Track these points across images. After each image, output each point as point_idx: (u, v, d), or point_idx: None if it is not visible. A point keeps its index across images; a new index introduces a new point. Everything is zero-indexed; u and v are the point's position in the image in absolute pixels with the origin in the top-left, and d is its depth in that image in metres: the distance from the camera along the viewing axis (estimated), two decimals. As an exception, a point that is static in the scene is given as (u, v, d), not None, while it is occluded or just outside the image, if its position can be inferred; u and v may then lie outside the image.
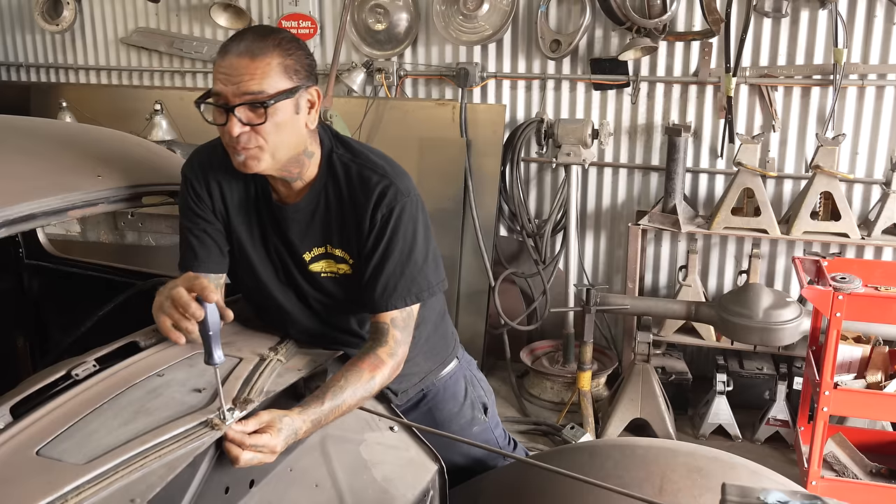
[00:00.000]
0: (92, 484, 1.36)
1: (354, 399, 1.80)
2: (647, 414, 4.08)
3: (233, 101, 1.74)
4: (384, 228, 1.90)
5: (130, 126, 4.70)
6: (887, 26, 4.19)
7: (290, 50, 1.78)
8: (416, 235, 1.93)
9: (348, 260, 1.96)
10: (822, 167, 4.03)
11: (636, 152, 4.79)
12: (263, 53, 1.74)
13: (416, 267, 1.94)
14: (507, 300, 4.87)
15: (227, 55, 1.75)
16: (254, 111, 1.75)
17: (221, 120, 1.77)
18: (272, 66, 1.74)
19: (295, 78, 1.78)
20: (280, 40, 1.77)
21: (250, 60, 1.73)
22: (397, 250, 1.91)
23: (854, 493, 3.37)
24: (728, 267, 4.75)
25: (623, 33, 4.56)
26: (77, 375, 1.66)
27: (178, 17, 5.55)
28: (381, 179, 1.90)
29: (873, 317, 3.44)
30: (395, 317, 1.93)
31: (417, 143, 4.89)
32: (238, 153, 1.80)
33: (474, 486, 2.23)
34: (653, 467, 2.00)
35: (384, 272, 1.91)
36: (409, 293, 1.94)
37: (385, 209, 1.89)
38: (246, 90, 1.73)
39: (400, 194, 1.90)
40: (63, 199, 1.89)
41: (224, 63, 1.75)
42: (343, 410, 1.78)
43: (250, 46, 1.74)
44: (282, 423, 1.62)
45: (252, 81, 1.73)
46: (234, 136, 1.76)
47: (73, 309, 2.51)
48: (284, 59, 1.76)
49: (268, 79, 1.74)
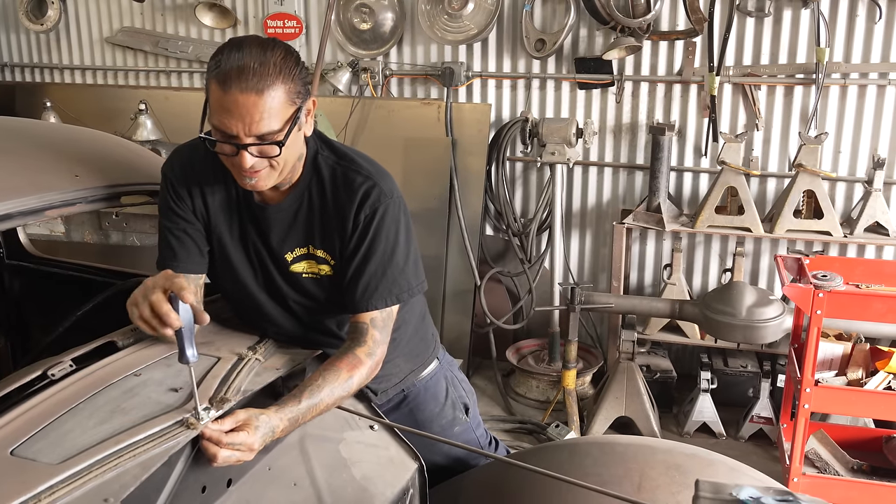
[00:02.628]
0: (66, 483, 1.36)
1: (332, 398, 1.80)
2: (631, 412, 4.09)
3: (244, 140, 1.71)
4: (367, 229, 1.90)
5: (115, 126, 4.70)
6: (869, 25, 4.22)
7: (291, 71, 1.73)
8: (398, 237, 1.94)
9: (330, 261, 1.96)
10: (805, 166, 4.05)
11: (621, 151, 4.81)
12: (269, 86, 1.68)
13: (398, 268, 1.94)
14: (493, 299, 4.88)
15: (230, 90, 1.66)
16: (268, 146, 1.73)
17: (230, 151, 1.74)
18: (279, 99, 1.70)
19: (297, 100, 1.76)
20: (279, 61, 1.71)
21: (258, 97, 1.67)
22: (379, 251, 1.91)
23: (835, 489, 3.40)
24: (712, 265, 4.77)
25: (607, 33, 4.58)
26: (53, 375, 1.66)
27: (163, 16, 5.54)
28: (365, 181, 1.91)
29: (854, 314, 3.47)
30: (375, 317, 1.93)
31: (403, 142, 4.90)
32: (248, 177, 1.78)
33: (455, 486, 2.24)
34: (631, 465, 2.01)
35: (366, 272, 1.91)
36: (389, 294, 1.94)
37: (368, 210, 1.89)
38: (257, 131, 1.70)
39: (384, 195, 1.91)
40: (40, 199, 1.89)
41: (228, 99, 1.67)
42: (320, 409, 1.77)
43: (253, 78, 1.67)
44: (258, 422, 1.62)
45: (262, 122, 1.69)
46: (247, 167, 1.74)
47: (54, 309, 2.50)
48: (288, 85, 1.72)
49: (276, 115, 1.71)
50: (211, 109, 1.73)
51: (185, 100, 5.28)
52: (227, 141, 1.73)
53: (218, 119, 1.71)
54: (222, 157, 1.79)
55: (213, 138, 1.76)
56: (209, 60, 1.75)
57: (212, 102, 1.72)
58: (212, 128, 1.76)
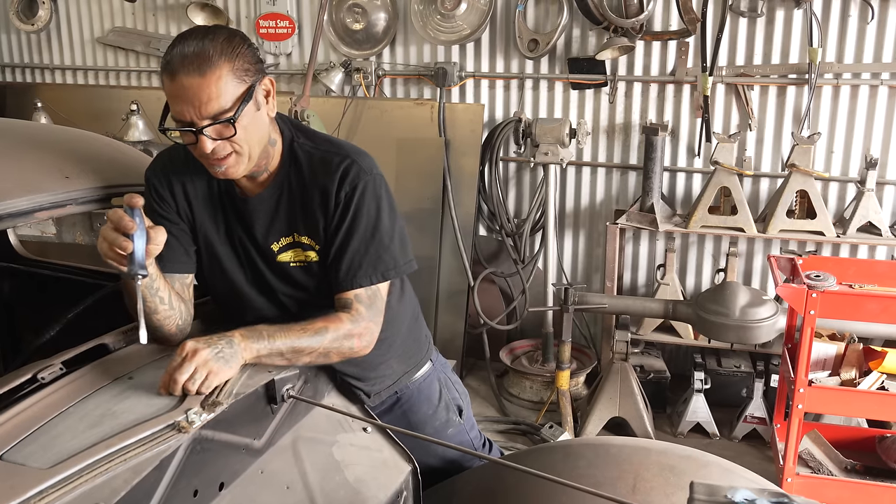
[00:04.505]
0: (56, 488, 1.34)
1: (301, 343, 1.82)
2: (625, 412, 4.09)
3: (199, 124, 1.74)
4: (348, 206, 1.91)
5: (107, 126, 4.68)
6: (861, 25, 4.23)
7: (235, 50, 1.76)
8: (380, 213, 1.94)
9: (315, 247, 1.96)
10: (798, 166, 4.06)
11: (614, 151, 4.80)
12: (211, 66, 1.71)
13: (382, 245, 1.94)
14: (487, 300, 4.87)
15: (177, 77, 1.71)
16: (222, 126, 1.76)
17: (191, 140, 1.77)
18: (223, 77, 1.73)
19: (247, 78, 1.78)
20: (220, 44, 1.74)
21: (200, 78, 1.70)
22: (361, 227, 1.92)
23: (829, 489, 3.40)
24: (706, 265, 4.77)
25: (600, 33, 4.57)
26: (43, 379, 1.64)
27: (154, 16, 5.52)
28: (343, 159, 1.92)
29: (847, 314, 3.47)
30: (360, 293, 1.94)
31: (396, 142, 4.88)
32: (216, 165, 1.81)
33: (448, 488, 2.23)
34: (626, 466, 2.00)
35: (349, 249, 1.92)
36: (374, 271, 1.94)
37: (348, 187, 1.90)
38: (207, 113, 1.73)
39: (363, 172, 1.92)
40: (30, 201, 1.87)
41: (175, 85, 1.72)
42: (286, 351, 1.81)
43: (195, 61, 1.70)
44: (204, 343, 1.69)
45: (210, 102, 1.72)
46: (208, 152, 1.76)
47: (45, 311, 2.48)
48: (233, 63, 1.74)
49: (225, 93, 1.73)
50: (168, 103, 1.77)
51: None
52: (185, 129, 1.76)
53: (173, 109, 1.76)
54: (192, 151, 1.82)
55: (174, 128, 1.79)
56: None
57: (166, 95, 1.76)
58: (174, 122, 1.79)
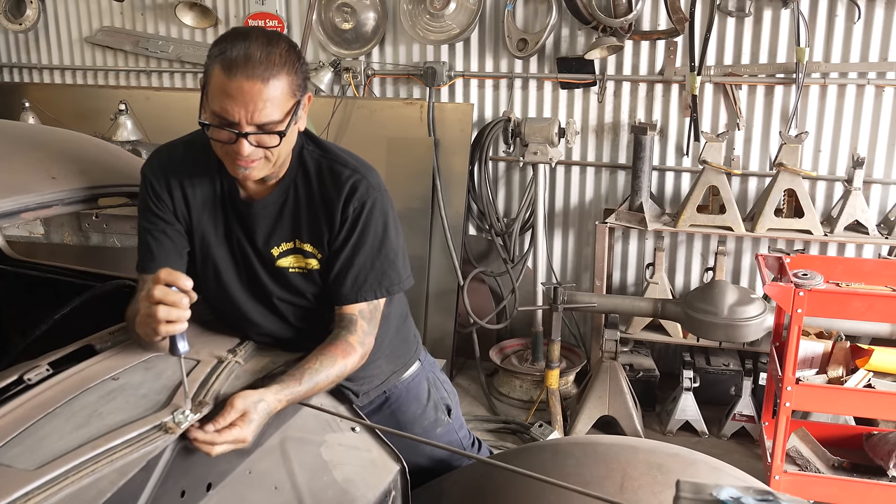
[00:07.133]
0: (42, 490, 1.34)
1: (327, 381, 1.85)
2: (614, 411, 4.10)
3: (244, 128, 1.71)
4: (356, 222, 1.91)
5: (95, 126, 4.66)
6: (848, 25, 4.24)
7: (294, 63, 1.75)
8: (386, 229, 1.95)
9: (317, 255, 1.96)
10: (786, 165, 4.08)
11: (603, 151, 4.81)
12: (274, 75, 1.69)
13: (388, 260, 1.96)
14: (476, 299, 4.88)
15: (235, 77, 1.67)
16: (268, 136, 1.74)
17: (228, 138, 1.74)
18: (282, 88, 1.72)
19: (298, 93, 1.78)
20: (284, 53, 1.72)
21: (263, 85, 1.68)
22: (368, 243, 1.93)
23: (816, 486, 3.41)
24: (694, 264, 4.79)
25: (589, 32, 4.58)
26: (29, 380, 1.64)
27: (143, 16, 5.50)
28: (352, 174, 1.92)
29: (834, 313, 3.48)
30: (363, 308, 1.95)
31: (385, 142, 4.88)
32: (243, 167, 1.78)
33: (437, 487, 2.23)
34: (614, 465, 2.00)
35: (355, 264, 1.93)
36: (379, 286, 1.96)
37: (357, 203, 1.90)
38: (258, 119, 1.71)
39: (371, 188, 1.92)
40: (15, 201, 1.86)
41: (232, 86, 1.67)
42: (314, 392, 1.82)
43: (260, 66, 1.68)
44: (256, 412, 1.64)
45: (265, 110, 1.70)
46: (245, 155, 1.74)
47: (31, 312, 2.47)
48: (292, 77, 1.74)
49: (279, 105, 1.72)
50: (211, 95, 1.73)
51: (166, 100, 5.25)
52: (227, 128, 1.72)
53: (220, 105, 1.71)
54: (216, 145, 1.79)
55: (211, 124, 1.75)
56: (211, 48, 1.75)
57: (213, 88, 1.71)
58: (210, 114, 1.75)
